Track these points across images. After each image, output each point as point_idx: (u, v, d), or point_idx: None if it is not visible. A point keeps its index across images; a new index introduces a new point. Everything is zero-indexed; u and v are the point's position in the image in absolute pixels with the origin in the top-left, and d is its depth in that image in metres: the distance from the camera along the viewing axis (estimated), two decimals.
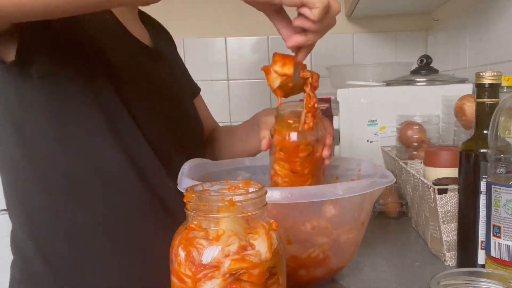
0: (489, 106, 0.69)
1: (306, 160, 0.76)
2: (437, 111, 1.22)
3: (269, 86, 0.73)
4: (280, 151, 0.76)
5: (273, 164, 0.78)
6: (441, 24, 1.80)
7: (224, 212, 0.48)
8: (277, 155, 0.77)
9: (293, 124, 0.75)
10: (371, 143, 1.29)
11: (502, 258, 0.63)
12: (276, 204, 0.64)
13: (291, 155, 0.76)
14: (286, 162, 0.76)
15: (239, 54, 2.04)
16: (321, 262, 0.69)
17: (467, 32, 1.46)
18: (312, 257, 0.68)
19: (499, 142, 0.63)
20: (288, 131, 0.75)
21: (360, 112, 1.29)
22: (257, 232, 0.49)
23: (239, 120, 2.02)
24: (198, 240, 0.48)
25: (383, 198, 1.08)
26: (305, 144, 0.75)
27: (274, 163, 0.78)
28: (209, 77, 1.98)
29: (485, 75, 0.68)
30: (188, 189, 0.52)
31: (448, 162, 0.89)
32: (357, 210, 0.70)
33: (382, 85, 1.42)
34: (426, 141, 1.13)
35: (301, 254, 0.68)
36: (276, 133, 0.77)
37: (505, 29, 1.18)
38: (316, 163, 0.77)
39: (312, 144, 0.76)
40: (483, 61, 1.33)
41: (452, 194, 0.78)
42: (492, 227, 0.64)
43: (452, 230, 0.79)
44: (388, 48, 2.01)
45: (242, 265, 0.46)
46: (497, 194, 0.63)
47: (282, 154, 0.76)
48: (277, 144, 0.77)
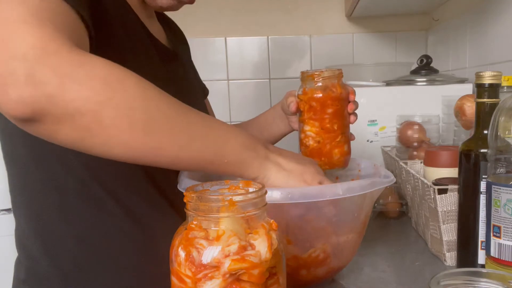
0: (489, 106, 0.69)
1: (334, 116, 0.81)
2: (437, 111, 1.22)
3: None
4: (309, 110, 0.82)
5: (303, 127, 0.83)
6: (441, 24, 1.80)
7: (224, 212, 0.48)
8: (306, 115, 0.82)
9: (318, 77, 0.81)
10: (371, 143, 1.29)
11: (502, 258, 0.63)
12: (276, 204, 0.64)
13: (321, 109, 0.81)
14: (316, 120, 0.82)
15: (239, 54, 2.04)
16: (322, 262, 0.69)
17: (467, 32, 1.46)
18: (313, 257, 0.68)
19: (499, 142, 0.63)
20: (315, 84, 0.81)
21: (360, 112, 1.28)
22: (257, 232, 0.49)
23: (239, 120, 2.01)
24: (198, 240, 0.48)
25: (383, 198, 1.08)
26: (332, 94, 0.80)
27: (304, 124, 0.83)
28: (209, 77, 1.97)
29: (485, 75, 0.68)
30: (188, 189, 0.52)
31: (448, 162, 0.89)
32: (357, 210, 0.70)
33: (382, 85, 1.42)
34: (426, 141, 1.13)
35: (302, 254, 0.68)
36: (303, 92, 0.83)
37: (505, 29, 1.18)
38: (344, 119, 0.83)
39: (339, 98, 0.81)
40: (483, 61, 1.33)
41: (452, 194, 0.78)
42: (492, 227, 0.64)
43: (452, 230, 0.79)
44: (388, 48, 2.01)
45: (242, 265, 0.46)
46: (497, 194, 0.63)
47: (312, 113, 0.82)
48: (307, 102, 0.82)
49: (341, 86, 0.82)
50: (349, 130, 0.85)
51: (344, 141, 0.83)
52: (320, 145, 0.82)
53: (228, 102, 2.06)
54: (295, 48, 2.00)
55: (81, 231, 0.75)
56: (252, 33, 2.01)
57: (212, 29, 2.01)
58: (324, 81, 0.81)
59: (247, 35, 2.02)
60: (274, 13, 1.99)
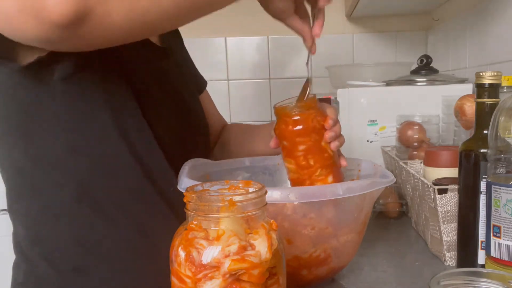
0: (489, 106, 0.69)
1: (308, 152, 0.75)
2: (437, 111, 1.22)
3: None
4: (283, 148, 0.77)
5: (284, 162, 0.79)
6: (441, 24, 1.80)
7: (224, 212, 0.48)
8: (282, 152, 0.78)
9: (288, 110, 0.75)
10: (371, 143, 1.29)
11: (502, 258, 0.63)
12: (276, 204, 0.64)
13: (292, 147, 0.75)
14: (291, 158, 0.76)
15: (239, 54, 2.04)
16: (323, 262, 0.69)
17: (467, 32, 1.46)
18: (314, 257, 0.68)
19: (499, 142, 0.63)
20: (285, 119, 0.75)
21: (360, 112, 1.29)
22: (257, 232, 0.49)
23: (239, 120, 2.02)
24: (198, 240, 0.48)
25: (383, 198, 1.08)
26: (301, 130, 0.74)
27: (284, 161, 0.78)
28: (209, 77, 1.96)
29: (485, 75, 0.68)
30: (188, 189, 0.52)
31: (448, 162, 0.89)
32: (357, 210, 0.70)
33: (382, 85, 1.42)
34: (426, 141, 1.13)
35: (303, 254, 0.68)
36: (274, 128, 0.78)
37: (505, 29, 1.18)
38: (322, 151, 0.76)
39: (310, 132, 0.75)
40: (483, 61, 1.33)
41: (452, 194, 0.78)
42: (492, 227, 0.64)
43: (452, 230, 0.79)
44: (388, 48, 2.01)
45: (242, 266, 0.46)
46: (497, 194, 0.63)
47: (285, 151, 0.77)
48: (279, 140, 0.77)
49: (313, 117, 0.75)
50: (332, 159, 0.77)
51: (325, 173, 0.75)
52: (300, 180, 0.77)
53: (228, 102, 2.06)
54: (295, 48, 2.00)
55: (79, 234, 0.74)
56: (252, 33, 2.01)
57: (212, 29, 2.01)
58: (294, 115, 0.74)
59: (247, 35, 2.02)
60: None
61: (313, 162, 0.75)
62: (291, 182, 0.80)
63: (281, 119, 0.76)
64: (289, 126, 0.75)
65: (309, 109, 0.75)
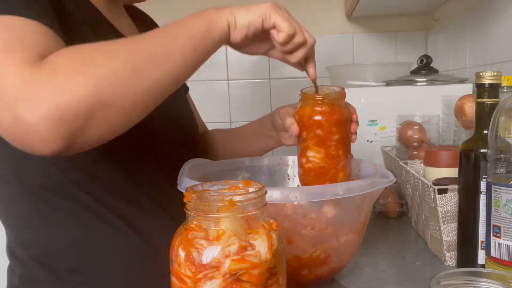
0: (489, 106, 0.69)
1: (340, 141, 0.77)
2: (437, 111, 1.22)
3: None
4: (313, 137, 0.76)
5: (306, 152, 0.77)
6: (441, 24, 1.80)
7: (224, 212, 0.48)
8: (310, 141, 0.77)
9: (321, 100, 0.76)
10: (371, 143, 1.29)
11: (502, 258, 0.63)
12: (276, 204, 0.64)
13: (326, 136, 0.76)
14: (321, 147, 0.76)
15: (239, 54, 2.03)
16: (323, 262, 0.69)
17: (467, 32, 1.46)
18: (314, 256, 0.68)
19: (499, 142, 0.63)
20: (319, 108, 0.75)
21: (360, 112, 1.27)
22: (257, 232, 0.49)
23: (239, 120, 2.02)
24: (198, 241, 0.48)
25: (383, 198, 1.08)
26: (338, 119, 0.75)
27: (308, 150, 0.77)
28: (209, 77, 1.97)
29: (485, 75, 0.68)
30: (188, 189, 0.52)
31: (448, 162, 0.89)
32: (357, 210, 0.70)
33: (382, 85, 1.42)
34: (426, 141, 1.13)
35: (303, 254, 0.68)
36: (305, 115, 0.77)
37: (505, 29, 1.18)
38: (348, 142, 0.79)
39: (344, 123, 0.77)
40: (483, 61, 1.33)
41: (452, 194, 0.78)
42: (492, 227, 0.64)
43: (452, 230, 0.79)
44: (388, 48, 2.01)
45: (242, 266, 0.46)
46: (497, 194, 0.63)
47: (316, 139, 0.76)
48: (309, 127, 0.76)
49: (345, 107, 0.77)
50: (350, 150, 0.80)
51: (347, 164, 0.79)
52: (324, 170, 0.77)
53: (228, 102, 2.05)
54: None
55: (73, 235, 0.74)
56: None
57: None
58: (328, 105, 0.75)
59: None
60: None
61: (341, 152, 0.77)
62: (310, 173, 0.78)
63: (318, 107, 0.76)
64: (327, 116, 0.75)
65: (343, 100, 0.78)
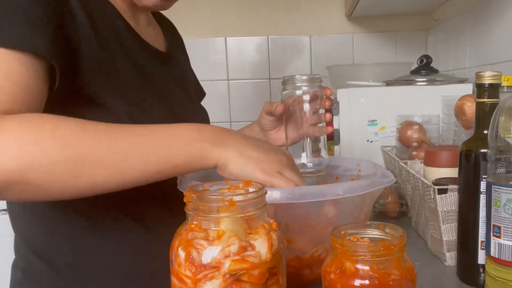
0: (489, 106, 0.69)
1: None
2: (437, 111, 1.22)
3: None
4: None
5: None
6: (441, 24, 1.80)
7: (224, 212, 0.48)
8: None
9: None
10: (371, 143, 1.29)
11: (502, 258, 0.63)
12: (276, 204, 0.64)
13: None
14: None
15: (239, 54, 2.04)
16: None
17: (467, 32, 1.46)
18: (315, 256, 0.68)
19: (499, 142, 0.63)
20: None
21: (360, 112, 1.29)
22: (257, 233, 0.49)
23: (239, 120, 2.02)
24: (198, 241, 0.48)
25: (383, 198, 1.08)
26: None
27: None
28: (209, 77, 1.98)
29: (485, 75, 0.68)
30: (188, 189, 0.52)
31: (448, 162, 0.89)
32: (357, 210, 0.70)
33: (382, 85, 1.42)
34: (426, 141, 1.13)
35: (304, 254, 0.68)
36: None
37: (505, 29, 1.18)
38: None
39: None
40: (483, 61, 1.33)
41: (452, 194, 0.77)
42: (492, 227, 0.64)
43: (452, 230, 0.79)
44: (388, 48, 2.01)
45: (242, 266, 0.46)
46: (497, 194, 0.62)
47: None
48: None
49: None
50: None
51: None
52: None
53: (228, 102, 2.06)
54: (295, 48, 2.00)
55: (74, 230, 0.75)
56: (252, 33, 2.01)
57: (212, 29, 2.01)
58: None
59: (247, 35, 2.02)
60: (274, 13, 1.99)
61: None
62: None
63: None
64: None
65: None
